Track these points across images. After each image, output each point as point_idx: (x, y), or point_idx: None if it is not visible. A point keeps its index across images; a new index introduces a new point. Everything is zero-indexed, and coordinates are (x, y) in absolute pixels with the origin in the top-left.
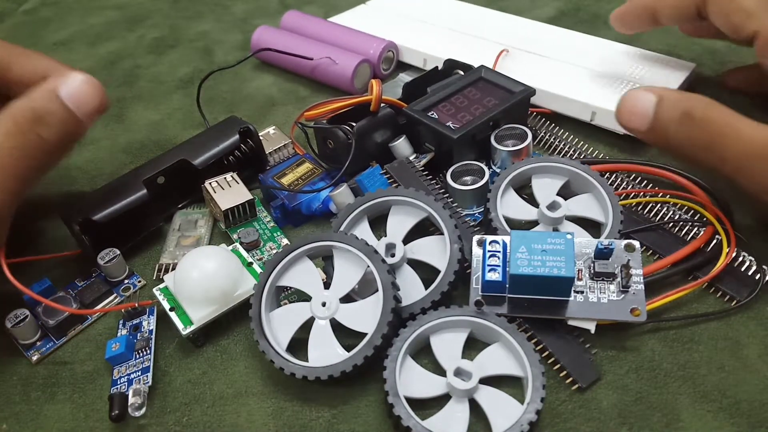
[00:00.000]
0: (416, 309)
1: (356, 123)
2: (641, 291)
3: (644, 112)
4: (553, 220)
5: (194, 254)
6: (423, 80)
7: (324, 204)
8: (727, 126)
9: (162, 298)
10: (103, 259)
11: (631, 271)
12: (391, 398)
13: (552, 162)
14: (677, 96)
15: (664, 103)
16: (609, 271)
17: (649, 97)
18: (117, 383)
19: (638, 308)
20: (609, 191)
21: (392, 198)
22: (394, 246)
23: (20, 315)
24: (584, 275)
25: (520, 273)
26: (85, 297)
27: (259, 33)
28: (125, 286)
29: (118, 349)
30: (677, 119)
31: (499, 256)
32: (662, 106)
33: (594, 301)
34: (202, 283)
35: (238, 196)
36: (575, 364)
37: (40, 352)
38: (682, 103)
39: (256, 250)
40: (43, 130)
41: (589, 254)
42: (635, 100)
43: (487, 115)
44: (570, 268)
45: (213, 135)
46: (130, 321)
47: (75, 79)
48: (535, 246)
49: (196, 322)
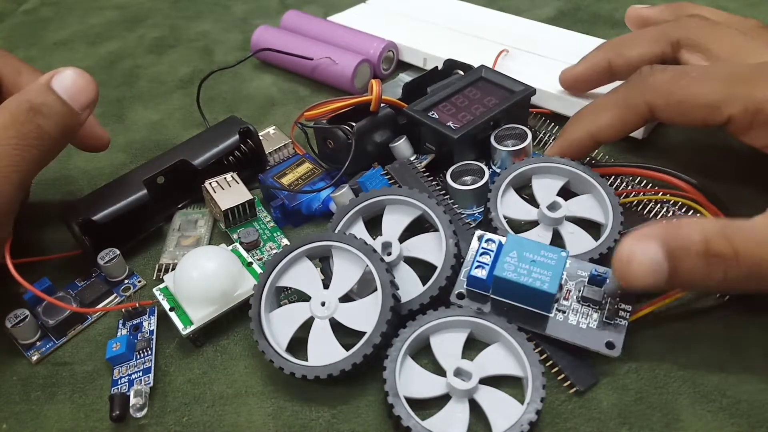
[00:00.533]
0: (415, 305)
1: (356, 123)
2: (623, 328)
3: (657, 271)
4: (554, 220)
5: (194, 254)
6: (423, 80)
7: (324, 204)
8: (762, 244)
9: (162, 298)
10: (103, 259)
11: (619, 305)
12: (391, 398)
13: (552, 162)
14: (686, 238)
15: (676, 251)
16: (596, 299)
17: (651, 249)
18: (117, 383)
19: (614, 342)
20: (609, 192)
21: (386, 197)
22: (390, 244)
23: (20, 315)
24: (572, 296)
25: (503, 276)
26: (85, 297)
27: (259, 33)
28: (125, 286)
29: (119, 349)
30: (702, 265)
31: (491, 254)
32: (676, 256)
33: (573, 323)
34: (201, 283)
35: (238, 196)
36: (573, 367)
37: (40, 352)
38: (699, 245)
39: (256, 250)
40: (41, 120)
41: (584, 277)
42: (639, 261)
43: (488, 114)
44: (553, 284)
45: (213, 135)
46: (130, 321)
47: (66, 73)
48: (526, 254)
49: (196, 322)
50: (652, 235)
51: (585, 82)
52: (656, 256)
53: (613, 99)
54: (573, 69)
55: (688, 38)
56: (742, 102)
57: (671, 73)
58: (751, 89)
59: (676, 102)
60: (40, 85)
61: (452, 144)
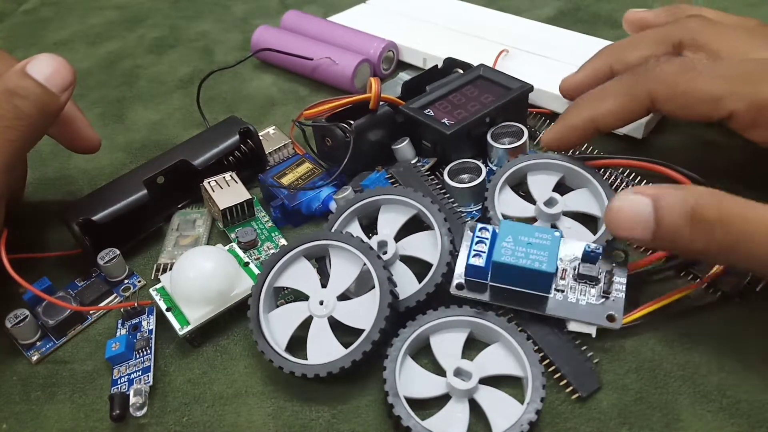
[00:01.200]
0: (412, 302)
1: (355, 121)
2: (621, 299)
3: (643, 222)
4: (551, 216)
5: (191, 254)
6: (422, 79)
7: (324, 204)
8: (749, 221)
9: (158, 299)
10: (103, 259)
11: (614, 278)
12: (391, 398)
13: (546, 158)
14: (676, 196)
15: (663, 208)
16: (592, 274)
17: (643, 202)
18: (117, 383)
19: (615, 315)
20: (604, 185)
21: (381, 197)
22: (385, 243)
23: (20, 315)
24: (568, 275)
25: (501, 261)
26: (85, 297)
27: (260, 33)
28: (125, 286)
29: (118, 348)
30: (687, 224)
31: (486, 242)
32: (663, 212)
33: (573, 301)
34: (198, 283)
35: (237, 195)
36: (576, 372)
37: (40, 352)
38: (685, 203)
39: (253, 250)
40: (18, 101)
41: (578, 256)
42: (628, 209)
43: (483, 111)
44: (551, 263)
45: (213, 135)
46: (129, 321)
47: (40, 57)
48: (521, 238)
49: (193, 322)
50: (647, 191)
51: (587, 90)
52: (645, 209)
53: (617, 86)
54: (574, 77)
55: (691, 38)
56: (747, 98)
57: (678, 66)
58: (756, 85)
59: (681, 93)
60: (14, 71)
61: (446, 140)
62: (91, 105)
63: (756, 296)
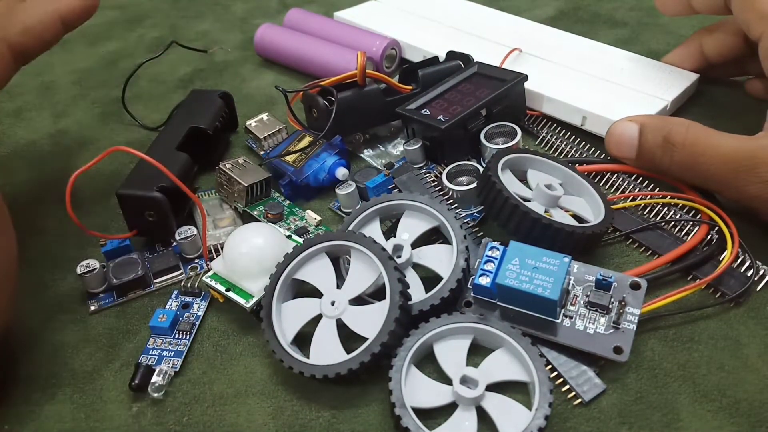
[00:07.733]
0: (414, 311)
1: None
2: (631, 331)
3: (630, 142)
4: (549, 198)
5: (238, 233)
6: (420, 65)
7: (330, 173)
8: (707, 145)
9: (214, 284)
10: (180, 235)
11: (626, 309)
12: (398, 410)
13: (548, 159)
14: (657, 122)
15: (646, 131)
16: (602, 303)
17: (632, 126)
18: (149, 352)
19: (623, 347)
20: (603, 197)
21: (407, 202)
22: (401, 248)
23: (91, 265)
24: (579, 302)
25: (504, 284)
26: (155, 265)
27: (262, 31)
28: (193, 266)
29: (164, 321)
30: (660, 145)
31: (495, 262)
32: (645, 134)
33: (580, 329)
34: (254, 257)
35: (256, 174)
36: (578, 378)
37: (99, 305)
38: (663, 129)
39: (281, 223)
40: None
41: (591, 282)
42: (620, 131)
43: (477, 103)
44: (555, 290)
45: (196, 106)
46: (184, 296)
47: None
48: (528, 261)
49: (257, 294)
50: (637, 118)
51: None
52: (632, 132)
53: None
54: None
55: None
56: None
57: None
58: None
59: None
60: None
61: (440, 135)
62: (91, 105)
63: (756, 296)
